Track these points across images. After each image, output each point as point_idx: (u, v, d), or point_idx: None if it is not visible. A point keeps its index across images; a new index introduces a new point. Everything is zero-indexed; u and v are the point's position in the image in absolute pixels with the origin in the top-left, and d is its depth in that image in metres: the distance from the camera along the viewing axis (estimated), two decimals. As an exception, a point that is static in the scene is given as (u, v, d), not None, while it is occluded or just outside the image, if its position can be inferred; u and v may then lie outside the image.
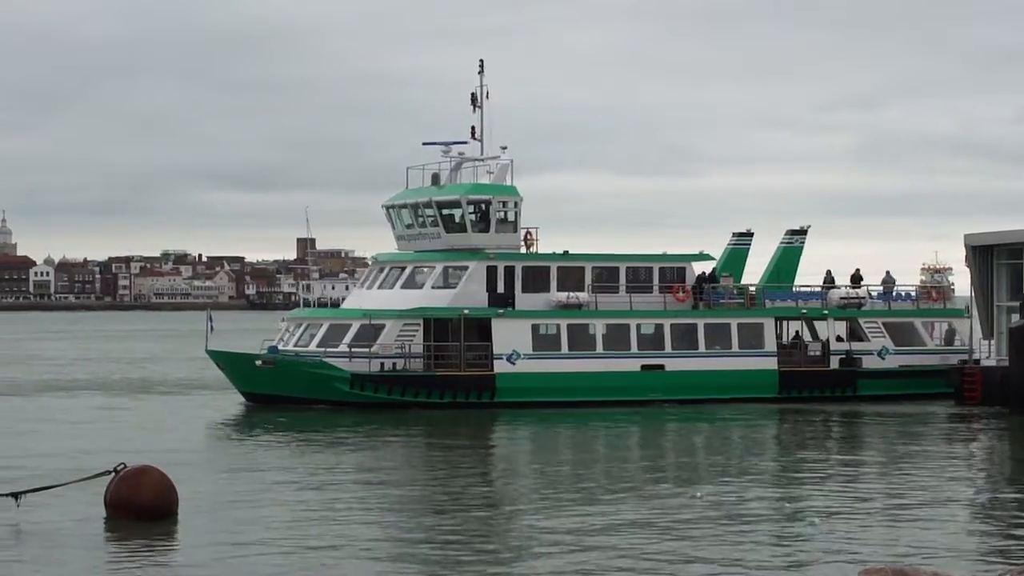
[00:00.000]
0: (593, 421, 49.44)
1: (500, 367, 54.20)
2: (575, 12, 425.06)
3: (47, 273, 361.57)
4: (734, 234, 63.69)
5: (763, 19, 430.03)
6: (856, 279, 63.60)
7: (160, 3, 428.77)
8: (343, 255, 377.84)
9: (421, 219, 57.24)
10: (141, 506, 26.60)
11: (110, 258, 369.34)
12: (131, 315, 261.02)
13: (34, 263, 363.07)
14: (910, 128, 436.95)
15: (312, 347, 54.46)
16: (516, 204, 57.26)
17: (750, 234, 63.73)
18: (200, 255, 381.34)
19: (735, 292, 59.52)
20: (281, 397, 53.50)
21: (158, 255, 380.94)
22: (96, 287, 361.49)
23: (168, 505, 27.12)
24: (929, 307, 61.97)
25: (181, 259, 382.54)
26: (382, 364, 53.55)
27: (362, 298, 57.59)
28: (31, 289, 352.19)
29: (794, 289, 61.85)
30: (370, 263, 64.31)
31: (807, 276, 63.24)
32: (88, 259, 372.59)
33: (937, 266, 63.96)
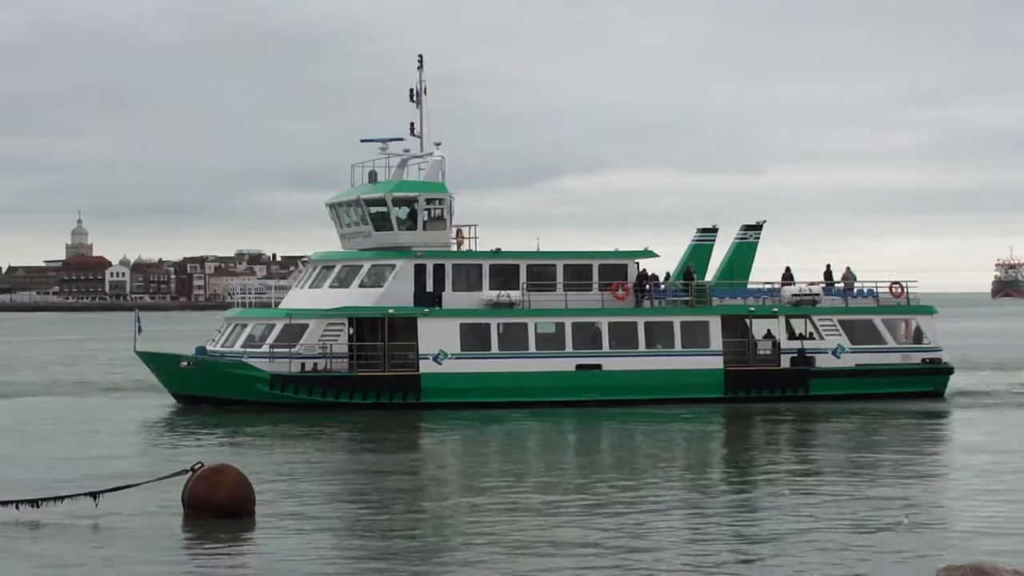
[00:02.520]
0: (512, 422, 48.24)
1: (425, 367, 53.01)
2: (636, 10, 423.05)
3: (123, 274, 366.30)
4: (698, 230, 61.98)
5: (830, 15, 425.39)
6: (827, 275, 61.69)
7: (232, 5, 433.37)
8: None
9: (354, 218, 56.29)
10: (218, 504, 26.65)
11: (185, 258, 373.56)
12: (205, 315, 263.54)
13: (110, 263, 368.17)
14: (981, 124, 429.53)
15: (236, 347, 53.69)
16: (444, 201, 56.00)
17: (715, 230, 61.95)
18: (274, 255, 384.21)
19: (679, 288, 57.76)
20: (205, 397, 52.86)
21: (232, 255, 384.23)
22: (171, 287, 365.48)
23: (245, 503, 27.07)
24: (892, 305, 59.70)
25: (255, 259, 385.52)
26: (303, 364, 52.61)
27: (294, 298, 56.71)
28: (107, 289, 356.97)
29: (750, 286, 60.00)
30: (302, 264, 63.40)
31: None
32: (163, 259, 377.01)
33: (1012, 261, 61.65)
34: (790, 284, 59.55)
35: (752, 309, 57.29)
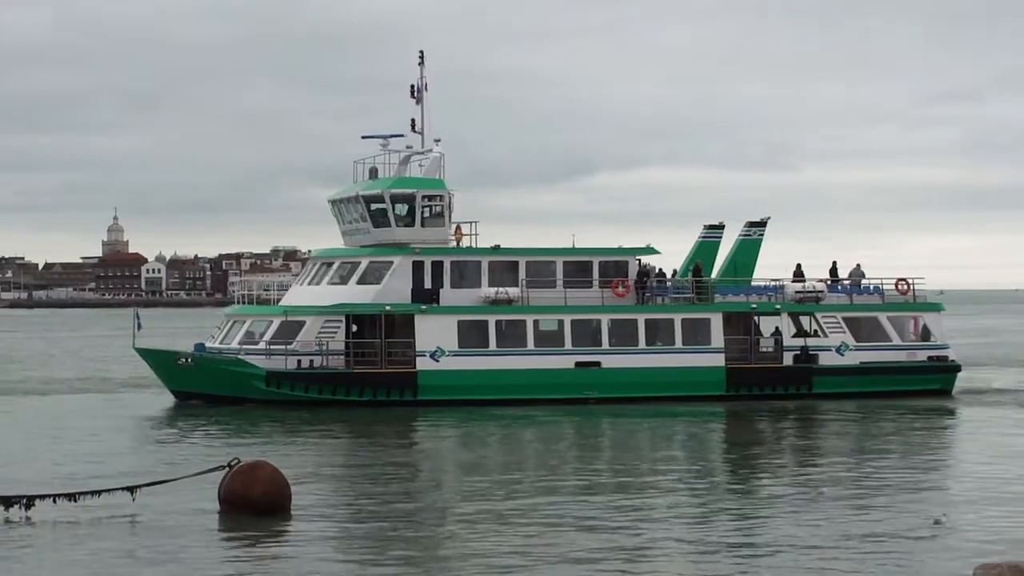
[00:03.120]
0: (507, 420, 47.99)
1: (422, 364, 52.78)
2: (672, 7, 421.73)
3: (158, 270, 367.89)
4: (705, 226, 61.52)
5: (864, 13, 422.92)
6: (833, 272, 61.18)
7: (261, 4, 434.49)
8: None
9: (354, 215, 56.15)
10: (254, 500, 26.70)
11: (220, 255, 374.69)
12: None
13: (146, 260, 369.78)
14: (1015, 121, 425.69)
15: (234, 344, 53.64)
16: (443, 198, 55.74)
17: (721, 226, 61.47)
18: (310, 251, 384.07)
19: (679, 285, 57.37)
20: (203, 394, 52.87)
21: (267, 252, 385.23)
22: (207, 283, 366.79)
23: (281, 500, 27.11)
24: (899, 302, 59.04)
25: (291, 255, 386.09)
26: (299, 361, 52.48)
27: (294, 295, 56.60)
28: (143, 286, 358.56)
29: (754, 283, 59.52)
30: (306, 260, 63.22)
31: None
32: (198, 256, 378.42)
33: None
34: (801, 280, 59.07)
35: (754, 306, 56.78)
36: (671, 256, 75.77)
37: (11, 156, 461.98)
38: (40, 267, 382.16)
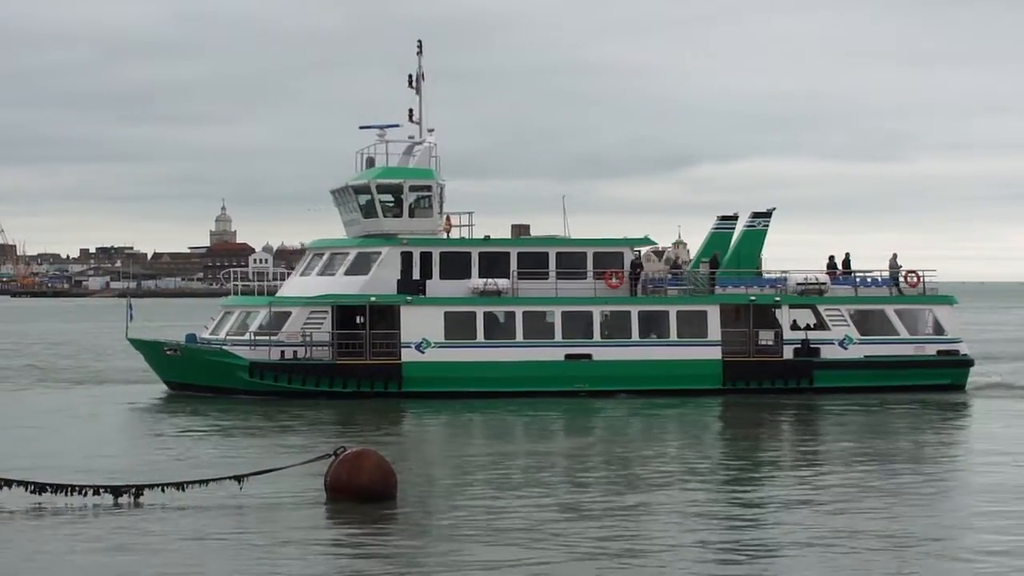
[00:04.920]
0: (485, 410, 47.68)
1: (407, 356, 52.48)
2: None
3: (265, 260, 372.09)
4: (718, 217, 60.40)
5: (977, 2, 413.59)
6: (845, 264, 59.84)
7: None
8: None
9: (349, 206, 56.08)
10: (360, 489, 26.99)
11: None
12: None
13: (253, 250, 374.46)
14: None
15: (221, 335, 53.83)
16: (432, 188, 55.37)
17: (735, 217, 60.29)
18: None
19: (674, 277, 56.47)
20: (191, 385, 53.15)
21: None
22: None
23: (387, 488, 27.40)
24: (907, 295, 57.47)
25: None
26: (282, 352, 52.48)
27: (289, 285, 56.68)
28: (250, 276, 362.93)
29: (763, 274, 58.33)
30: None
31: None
32: (305, 245, 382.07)
33: None
34: (832, 272, 57.92)
35: (753, 299, 55.56)
36: (785, 246, 74.84)
37: (122, 147, 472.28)
38: (149, 257, 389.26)
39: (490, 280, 53.86)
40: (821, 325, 55.68)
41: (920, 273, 57.92)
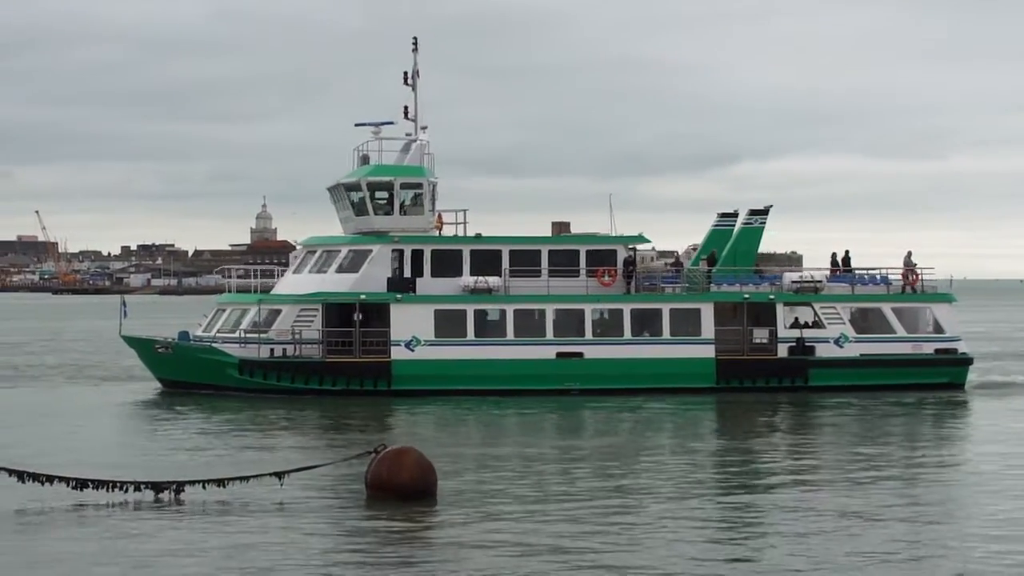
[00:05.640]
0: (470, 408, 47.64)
1: (397, 354, 52.44)
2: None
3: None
4: (718, 214, 60.13)
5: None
6: (845, 262, 59.43)
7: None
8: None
9: (342, 203, 56.11)
10: (401, 486, 27.15)
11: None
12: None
13: (293, 247, 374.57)
14: None
15: (213, 332, 53.98)
16: (423, 186, 55.30)
17: (735, 214, 59.97)
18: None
19: (669, 274, 56.19)
20: (182, 382, 53.31)
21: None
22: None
23: (427, 486, 27.55)
24: (905, 292, 56.92)
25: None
26: (272, 350, 52.55)
27: (283, 283, 56.77)
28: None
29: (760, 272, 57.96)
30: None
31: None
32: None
33: None
34: (835, 270, 57.60)
35: (747, 296, 55.18)
36: (824, 244, 74.48)
37: (163, 144, 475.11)
38: (190, 254, 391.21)
39: (481, 278, 53.73)
40: (816, 323, 55.25)
41: (918, 271, 57.36)
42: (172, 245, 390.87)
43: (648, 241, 56.76)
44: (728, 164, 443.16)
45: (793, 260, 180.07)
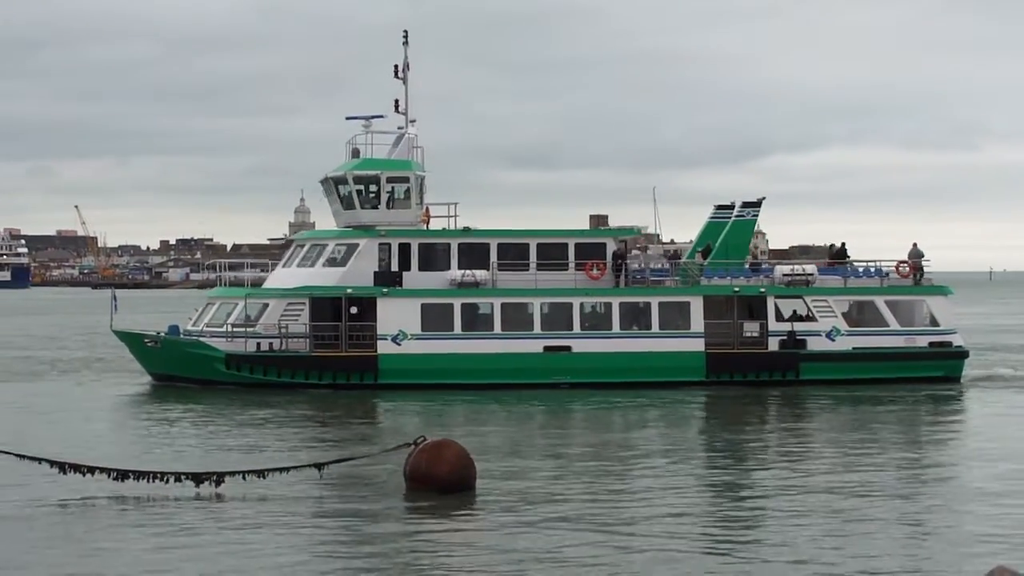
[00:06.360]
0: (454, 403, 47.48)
1: (384, 348, 52.42)
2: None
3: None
4: (715, 207, 59.76)
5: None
6: (841, 254, 59.04)
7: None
8: (635, 231, 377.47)
9: (331, 197, 56.15)
10: (440, 478, 27.28)
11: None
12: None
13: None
14: None
15: (201, 326, 54.13)
16: (410, 180, 55.22)
17: (732, 207, 59.56)
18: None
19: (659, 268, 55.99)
20: (172, 376, 53.51)
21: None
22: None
23: (466, 478, 27.69)
24: (899, 285, 56.40)
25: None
26: (258, 344, 52.64)
27: (273, 277, 56.86)
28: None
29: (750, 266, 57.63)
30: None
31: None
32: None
33: None
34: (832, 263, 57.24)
35: (737, 289, 54.81)
36: (857, 236, 74.06)
37: (201, 139, 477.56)
38: (228, 248, 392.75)
39: (468, 271, 53.61)
40: (808, 316, 54.85)
41: (912, 263, 56.79)
42: (211, 239, 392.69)
43: (638, 233, 56.41)
44: (762, 156, 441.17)
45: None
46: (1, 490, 27.91)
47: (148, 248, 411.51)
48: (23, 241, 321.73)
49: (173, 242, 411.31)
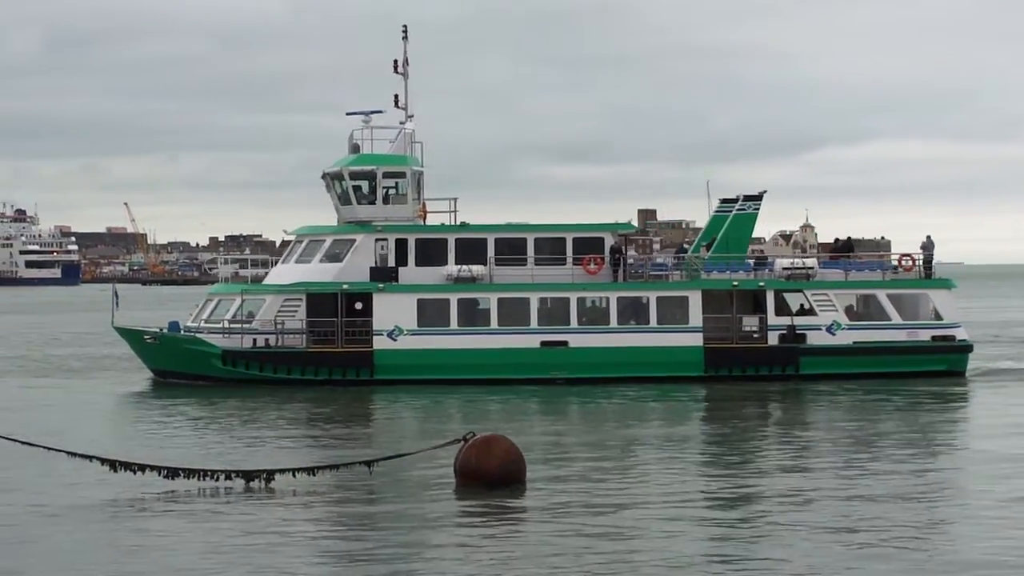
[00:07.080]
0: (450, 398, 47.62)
1: (379, 343, 52.49)
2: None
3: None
4: (720, 200, 59.42)
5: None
6: (847, 247, 58.62)
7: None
8: (683, 226, 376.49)
9: (330, 192, 56.27)
10: (490, 474, 27.41)
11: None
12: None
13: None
14: None
15: (199, 323, 54.43)
16: (406, 175, 55.23)
17: (736, 200, 59.19)
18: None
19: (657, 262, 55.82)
20: (172, 372, 53.85)
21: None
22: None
23: (516, 473, 27.83)
24: (902, 279, 55.85)
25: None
26: (254, 340, 52.85)
27: (271, 274, 57.06)
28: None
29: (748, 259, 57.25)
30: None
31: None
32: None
33: None
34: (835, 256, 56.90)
35: (735, 284, 54.43)
36: (914, 229, 73.21)
37: (249, 135, 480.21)
38: (277, 244, 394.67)
39: (465, 267, 53.58)
40: (808, 310, 54.44)
41: (915, 256, 56.29)
42: (259, 235, 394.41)
43: (634, 228, 56.22)
44: (812, 149, 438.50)
45: (881, 246, 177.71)
46: (52, 489, 27.97)
47: (197, 244, 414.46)
48: (73, 238, 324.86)
49: (222, 238, 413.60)
